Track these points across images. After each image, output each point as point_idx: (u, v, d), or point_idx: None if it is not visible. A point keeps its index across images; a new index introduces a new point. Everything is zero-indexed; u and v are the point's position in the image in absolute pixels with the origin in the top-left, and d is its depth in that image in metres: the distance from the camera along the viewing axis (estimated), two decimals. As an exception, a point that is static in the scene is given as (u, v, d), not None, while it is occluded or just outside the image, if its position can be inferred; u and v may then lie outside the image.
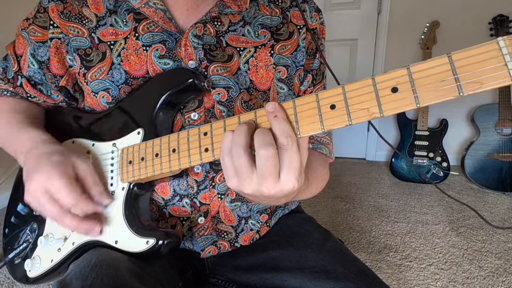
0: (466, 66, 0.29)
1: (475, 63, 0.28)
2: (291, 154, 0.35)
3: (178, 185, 0.56)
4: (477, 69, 0.28)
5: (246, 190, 0.38)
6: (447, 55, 0.29)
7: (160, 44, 0.54)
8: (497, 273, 1.29)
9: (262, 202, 0.43)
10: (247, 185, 0.37)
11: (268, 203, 0.43)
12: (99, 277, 0.41)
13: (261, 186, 0.36)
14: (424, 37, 2.18)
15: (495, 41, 0.28)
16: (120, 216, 0.50)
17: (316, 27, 0.63)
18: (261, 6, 0.59)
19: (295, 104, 0.37)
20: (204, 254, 0.59)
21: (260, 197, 0.38)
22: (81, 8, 0.55)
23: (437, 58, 0.30)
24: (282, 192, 0.37)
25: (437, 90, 0.30)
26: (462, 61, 0.29)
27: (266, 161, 0.35)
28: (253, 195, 0.38)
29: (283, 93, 0.60)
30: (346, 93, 0.34)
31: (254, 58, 0.57)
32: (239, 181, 0.37)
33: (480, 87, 0.28)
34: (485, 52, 0.28)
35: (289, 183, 0.36)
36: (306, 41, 0.61)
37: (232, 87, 0.55)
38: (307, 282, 0.52)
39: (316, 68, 0.64)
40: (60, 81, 0.59)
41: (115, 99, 0.56)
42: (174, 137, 0.47)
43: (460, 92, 0.29)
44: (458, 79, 0.29)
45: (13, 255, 0.60)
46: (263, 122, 0.39)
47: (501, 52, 0.27)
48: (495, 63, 0.28)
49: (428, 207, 1.82)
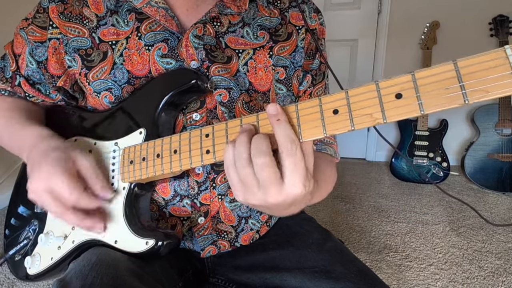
0: (472, 73, 0.28)
1: (481, 70, 0.28)
2: (295, 159, 0.35)
3: (179, 185, 0.56)
4: (483, 77, 0.28)
5: (252, 201, 0.37)
6: (452, 62, 0.29)
7: (163, 43, 0.54)
8: (497, 273, 1.29)
9: (274, 213, 0.41)
10: (253, 197, 0.36)
11: (281, 213, 0.41)
12: (99, 276, 0.41)
13: (266, 195, 0.35)
14: (424, 37, 2.18)
15: (502, 49, 0.27)
16: (120, 216, 0.50)
17: (315, 27, 0.62)
18: (260, 7, 0.59)
19: (298, 108, 0.37)
20: (204, 254, 0.59)
21: (270, 207, 0.37)
22: (81, 9, 0.55)
23: (443, 65, 0.29)
24: (289, 198, 0.35)
25: (442, 98, 0.29)
26: (468, 68, 0.28)
27: (263, 170, 0.34)
28: (261, 205, 0.37)
29: (282, 94, 0.60)
30: (350, 98, 0.33)
31: (253, 60, 0.57)
32: (245, 193, 0.37)
33: (485, 95, 0.28)
34: (491, 60, 0.27)
35: (295, 188, 0.35)
36: (306, 42, 0.61)
37: (233, 88, 0.55)
38: (307, 282, 0.52)
39: (316, 68, 0.64)
40: (58, 81, 0.59)
41: (117, 98, 0.56)
42: (175, 138, 0.47)
43: (465, 100, 0.28)
44: (464, 87, 0.28)
45: (14, 252, 0.60)
46: (265, 125, 0.38)
47: (508, 60, 0.27)
48: (502, 71, 0.27)
49: (428, 207, 1.82)
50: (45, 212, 0.59)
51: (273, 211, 0.40)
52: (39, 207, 0.60)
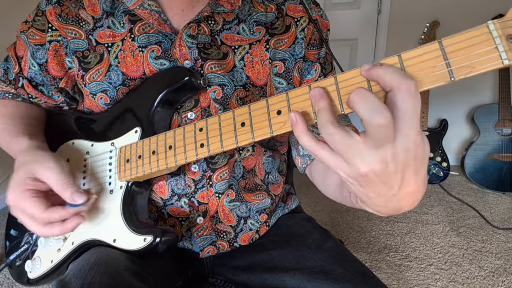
0: (457, 51, 0.29)
1: (466, 47, 0.28)
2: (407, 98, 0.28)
3: (176, 184, 0.56)
4: (468, 53, 0.28)
5: (363, 169, 0.30)
6: (437, 41, 0.29)
7: (156, 45, 0.54)
8: (497, 273, 1.29)
9: (391, 181, 0.31)
10: (360, 161, 0.30)
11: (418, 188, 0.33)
12: (98, 275, 0.41)
13: (379, 150, 0.29)
14: (424, 37, 2.18)
15: (485, 25, 0.28)
16: (118, 215, 0.50)
17: (316, 18, 0.62)
18: (255, 3, 0.59)
19: (288, 96, 0.36)
20: (203, 254, 0.59)
21: (387, 172, 0.30)
22: (78, 11, 0.56)
23: (428, 45, 0.30)
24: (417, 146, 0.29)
25: (429, 76, 0.30)
26: (452, 46, 0.29)
27: (379, 128, 0.28)
28: (375, 171, 0.30)
29: (282, 88, 0.60)
30: (338, 83, 0.33)
31: (249, 54, 0.57)
32: (346, 161, 0.31)
33: (471, 71, 0.28)
34: (475, 36, 0.28)
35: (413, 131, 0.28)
36: (308, 32, 0.59)
37: (226, 85, 0.55)
38: (305, 283, 0.52)
39: (323, 56, 0.62)
40: (60, 83, 0.59)
41: (113, 100, 0.56)
42: (170, 134, 0.47)
43: (451, 77, 0.29)
44: (449, 64, 0.29)
45: (14, 256, 0.60)
46: (256, 116, 0.38)
47: (491, 36, 0.28)
48: (486, 46, 0.28)
49: (428, 207, 1.82)
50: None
51: (389, 178, 0.31)
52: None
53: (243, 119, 0.40)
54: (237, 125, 0.40)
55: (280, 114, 0.37)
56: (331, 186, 0.52)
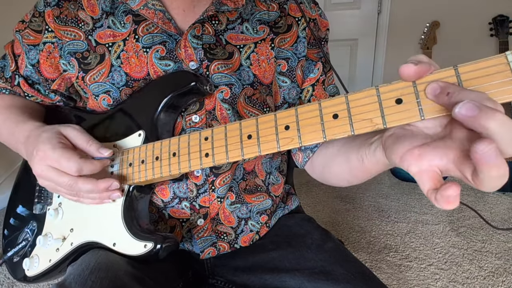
0: (473, 79, 0.28)
1: (482, 76, 0.27)
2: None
3: (178, 188, 0.56)
4: (483, 83, 0.27)
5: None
6: (453, 68, 0.29)
7: (160, 46, 0.54)
8: (497, 273, 1.29)
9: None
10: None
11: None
12: (99, 280, 0.41)
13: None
14: (424, 37, 2.18)
15: (503, 55, 0.27)
16: (119, 219, 0.50)
17: (315, 17, 0.62)
18: (257, 2, 0.59)
19: (297, 112, 0.36)
20: (204, 255, 0.59)
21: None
22: (76, 12, 0.55)
23: (443, 70, 0.29)
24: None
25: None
26: (468, 74, 0.28)
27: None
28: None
29: (286, 86, 0.60)
30: (349, 102, 0.33)
31: (255, 53, 0.57)
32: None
33: None
34: (492, 65, 0.27)
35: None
36: (308, 31, 0.60)
37: (234, 84, 0.55)
38: (305, 283, 0.52)
39: (323, 56, 0.63)
40: (52, 84, 0.59)
41: (116, 101, 0.56)
42: (174, 140, 0.47)
43: None
44: None
45: (12, 253, 0.60)
46: (263, 129, 0.38)
47: (509, 67, 0.26)
48: (502, 78, 0.27)
49: (428, 207, 1.82)
50: (43, 213, 0.59)
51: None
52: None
53: (250, 131, 0.39)
54: (244, 137, 0.40)
55: (288, 129, 0.37)
56: (337, 167, 0.52)
